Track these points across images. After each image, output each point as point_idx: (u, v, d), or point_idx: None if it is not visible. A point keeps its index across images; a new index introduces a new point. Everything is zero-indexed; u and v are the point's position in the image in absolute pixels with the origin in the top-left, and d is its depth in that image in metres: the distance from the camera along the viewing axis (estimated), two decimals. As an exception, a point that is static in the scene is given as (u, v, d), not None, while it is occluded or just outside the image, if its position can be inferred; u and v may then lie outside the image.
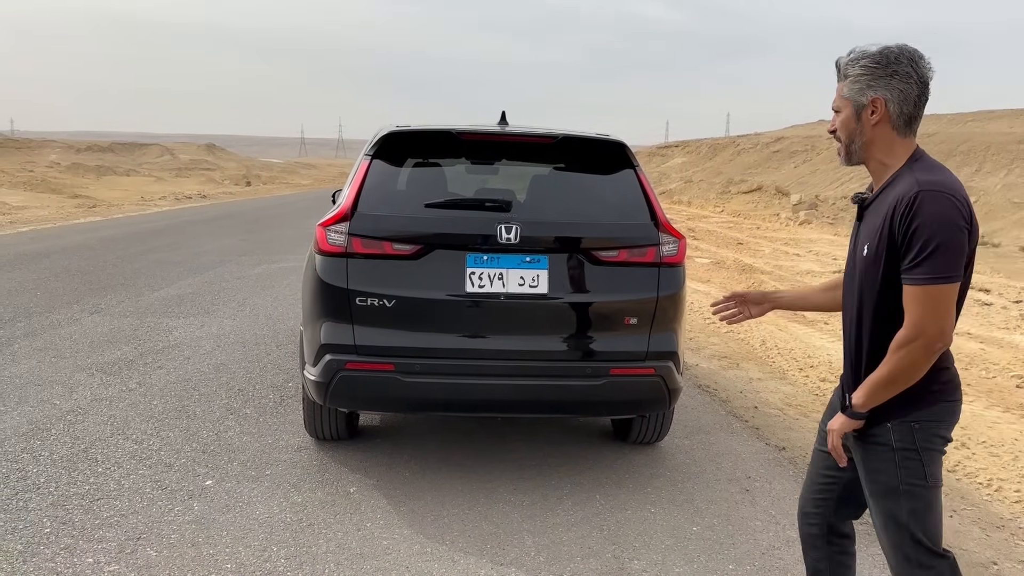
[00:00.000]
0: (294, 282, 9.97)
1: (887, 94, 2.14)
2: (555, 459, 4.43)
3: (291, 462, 4.26)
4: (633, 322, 3.89)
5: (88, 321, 7.47)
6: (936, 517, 2.21)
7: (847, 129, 2.23)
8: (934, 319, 2.04)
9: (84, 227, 16.97)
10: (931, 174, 2.09)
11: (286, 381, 5.73)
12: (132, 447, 4.40)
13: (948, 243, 2.01)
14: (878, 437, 2.19)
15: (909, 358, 2.07)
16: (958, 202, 2.04)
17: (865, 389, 2.16)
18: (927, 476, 2.16)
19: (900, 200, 2.07)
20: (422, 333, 3.81)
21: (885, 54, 2.14)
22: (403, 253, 3.80)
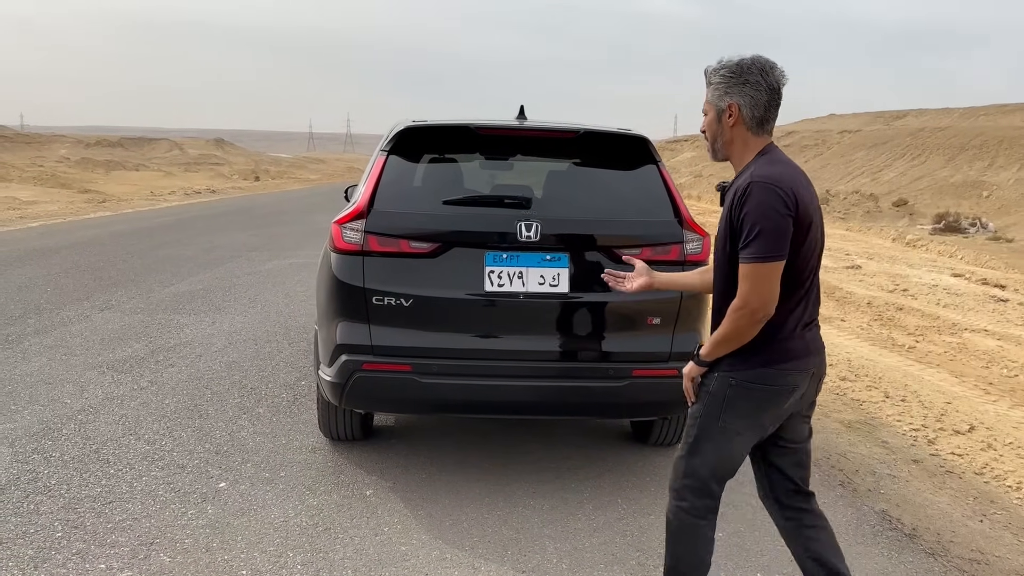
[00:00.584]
0: (305, 278, 9.91)
1: (740, 100, 2.48)
2: (574, 461, 4.34)
3: (306, 463, 4.18)
4: (656, 322, 3.79)
5: (98, 318, 7.42)
6: (711, 456, 2.60)
7: (711, 129, 2.59)
8: (757, 292, 2.38)
9: (94, 222, 16.96)
10: (767, 168, 2.42)
11: (298, 379, 5.66)
12: (144, 448, 4.33)
13: (770, 227, 2.33)
14: (706, 382, 2.60)
15: (736, 323, 2.43)
16: (782, 192, 2.35)
17: (709, 343, 2.56)
18: (721, 417, 2.54)
19: (738, 190, 2.43)
20: (440, 333, 3.73)
21: (740, 64, 2.48)
22: (420, 251, 3.71)
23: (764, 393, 2.52)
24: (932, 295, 10.85)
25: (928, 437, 5.20)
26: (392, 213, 3.76)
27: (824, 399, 5.92)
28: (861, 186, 34.89)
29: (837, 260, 13.87)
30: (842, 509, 3.94)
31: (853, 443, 5.00)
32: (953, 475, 4.56)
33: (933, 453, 4.91)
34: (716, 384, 2.56)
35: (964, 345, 7.98)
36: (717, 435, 2.57)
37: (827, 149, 50.76)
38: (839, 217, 23.95)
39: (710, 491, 2.64)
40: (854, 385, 6.35)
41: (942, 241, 17.69)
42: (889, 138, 46.15)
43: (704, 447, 2.60)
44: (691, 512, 2.65)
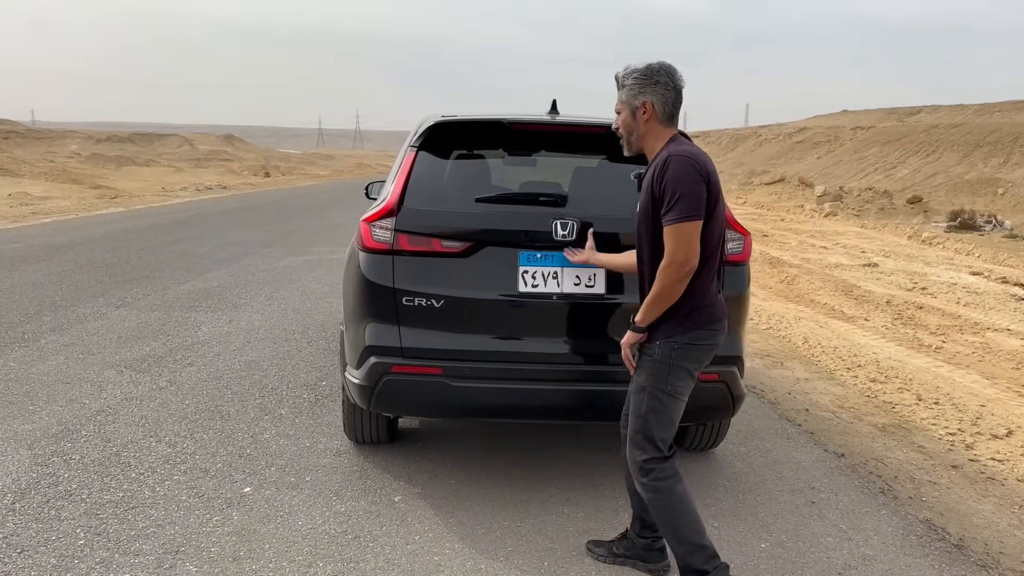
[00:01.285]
0: (321, 275, 9.82)
1: (653, 98, 2.88)
2: (606, 466, 4.22)
3: (331, 467, 4.07)
4: None
5: (115, 315, 7.34)
6: (666, 420, 2.91)
7: (626, 126, 2.96)
8: (682, 248, 2.72)
9: (106, 218, 16.91)
10: (680, 147, 2.82)
11: (319, 379, 5.55)
12: (166, 450, 4.24)
13: (688, 191, 2.71)
14: (648, 350, 2.90)
15: (666, 279, 2.76)
16: (695, 162, 2.75)
17: (643, 308, 2.86)
18: (668, 384, 2.87)
19: (657, 165, 2.80)
20: (472, 335, 3.61)
21: (649, 68, 2.88)
22: (452, 251, 3.60)
23: (700, 352, 2.90)
24: (952, 294, 10.68)
25: (966, 442, 5.06)
26: (423, 211, 3.64)
27: (856, 402, 5.79)
28: (875, 183, 34.63)
29: (853, 258, 13.69)
30: (886, 518, 3.81)
31: (889, 448, 4.86)
32: (995, 482, 4.42)
33: (972, 458, 4.77)
34: (660, 351, 2.87)
35: (987, 345, 7.83)
36: (667, 399, 2.88)
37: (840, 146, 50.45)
38: (853, 214, 23.70)
39: (668, 454, 2.94)
40: (885, 387, 6.20)
41: (958, 239, 17.47)
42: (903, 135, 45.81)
43: (658, 414, 2.89)
44: (663, 477, 2.91)
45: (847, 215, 23.54)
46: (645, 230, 2.88)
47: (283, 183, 40.28)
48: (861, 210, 24.67)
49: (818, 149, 51.72)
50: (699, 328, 2.87)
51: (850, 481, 4.23)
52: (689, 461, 4.36)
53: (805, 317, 8.89)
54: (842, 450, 4.73)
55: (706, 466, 4.31)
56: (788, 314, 9.00)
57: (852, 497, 4.02)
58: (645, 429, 2.90)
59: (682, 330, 2.85)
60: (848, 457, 4.62)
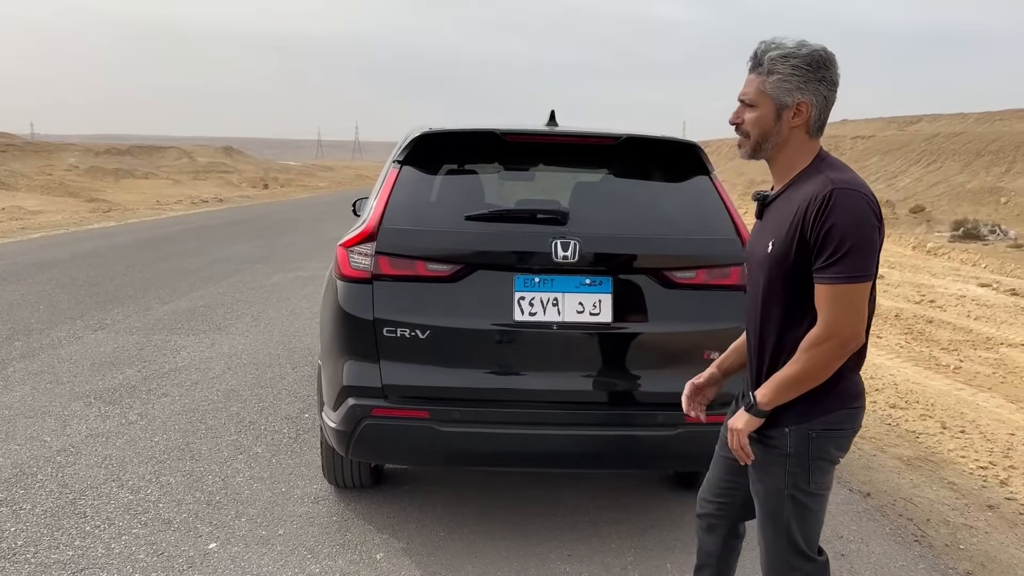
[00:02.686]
0: (311, 292, 9.44)
1: (812, 98, 2.11)
2: (611, 513, 3.83)
3: (307, 518, 3.68)
4: (713, 356, 3.27)
5: (91, 339, 6.96)
6: (816, 522, 2.24)
7: (762, 126, 2.16)
8: (848, 319, 2.02)
9: (97, 233, 16.56)
10: (841, 172, 2.08)
11: (301, 411, 5.17)
12: (127, 497, 3.85)
13: (862, 242, 2.00)
14: (774, 440, 2.18)
15: (822, 357, 2.06)
16: (870, 200, 2.03)
17: (771, 387, 2.14)
18: (811, 483, 2.17)
19: (813, 199, 2.04)
20: (462, 371, 3.23)
21: (815, 58, 2.09)
22: (439, 275, 3.22)
23: (845, 441, 2.21)
24: (961, 307, 10.34)
25: (999, 477, 4.68)
26: (406, 231, 3.27)
27: (877, 431, 5.41)
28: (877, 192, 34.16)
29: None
30: (924, 572, 3.42)
31: (917, 485, 4.48)
32: (1038, 525, 4.04)
33: (1009, 496, 4.39)
34: (793, 442, 2.16)
35: (1003, 362, 7.48)
36: (812, 500, 2.19)
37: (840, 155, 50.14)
38: (858, 224, 23.41)
39: (821, 558, 2.29)
40: (906, 414, 5.83)
41: (964, 249, 17.15)
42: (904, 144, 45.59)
43: (804, 520, 2.20)
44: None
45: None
46: (777, 278, 2.15)
47: (281, 195, 39.95)
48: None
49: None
50: (842, 407, 2.16)
51: (880, 527, 3.84)
52: (702, 506, 3.97)
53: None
54: (867, 488, 4.35)
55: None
56: (798, 332, 8.63)
57: (884, 547, 3.63)
58: (791, 541, 2.22)
59: (820, 411, 2.14)
60: (875, 497, 4.23)
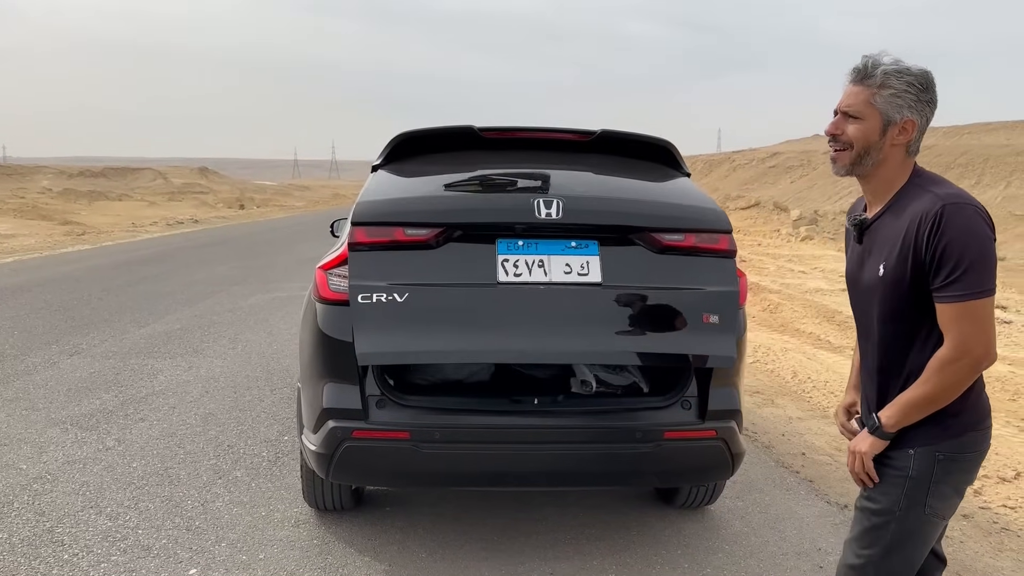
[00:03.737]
0: (289, 314, 9.41)
1: (919, 118, 2.10)
2: (592, 530, 3.85)
3: (288, 542, 3.67)
4: (714, 320, 3.15)
5: (66, 364, 6.89)
6: (919, 552, 2.14)
7: (866, 140, 2.11)
8: (978, 336, 1.98)
9: (71, 256, 16.38)
10: (947, 187, 2.06)
11: (281, 434, 5.15)
12: (105, 524, 3.82)
13: (981, 256, 1.97)
14: (896, 461, 2.12)
15: (954, 377, 2.01)
16: (981, 212, 2.00)
17: (897, 408, 2.09)
18: (927, 507, 2.10)
19: (923, 216, 2.01)
20: (442, 335, 3.04)
21: (927, 78, 2.09)
22: (417, 239, 3.10)
23: (972, 464, 2.14)
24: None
25: (973, 487, 4.75)
26: (380, 201, 3.23)
27: (853, 443, 5.47)
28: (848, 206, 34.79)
29: (832, 282, 13.48)
30: (901, 583, 3.47)
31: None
32: (1010, 533, 4.11)
33: (983, 506, 4.46)
34: (917, 464, 2.09)
35: (979, 373, 7.58)
36: (923, 527, 2.13)
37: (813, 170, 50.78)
38: (829, 238, 23.63)
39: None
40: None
41: (938, 261, 17.41)
42: (875, 157, 46.18)
43: (908, 546, 2.13)
44: None
45: (823, 239, 23.48)
46: (892, 302, 2.11)
47: (257, 215, 39.73)
48: (837, 233, 24.65)
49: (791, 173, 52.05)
50: (971, 430, 2.11)
51: (857, 539, 3.89)
52: (684, 521, 4.00)
53: (792, 348, 8.61)
54: (844, 500, 4.40)
55: (703, 527, 3.95)
56: (775, 345, 8.72)
57: (862, 558, 3.68)
58: (888, 565, 2.14)
59: (949, 434, 2.09)
60: (852, 509, 4.28)
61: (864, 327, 2.25)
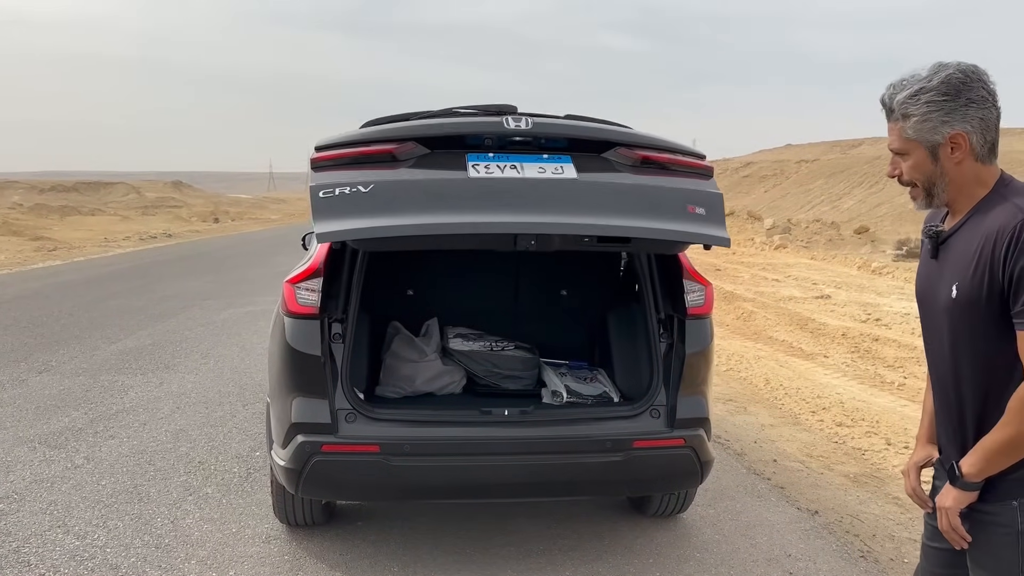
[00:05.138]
0: (262, 328, 9.32)
1: (966, 126, 1.85)
2: (565, 541, 3.86)
3: (259, 558, 3.64)
4: (699, 212, 2.98)
5: (35, 382, 6.80)
6: None
7: (924, 172, 1.91)
8: None
9: (41, 272, 16.17)
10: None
11: (252, 450, 5.11)
12: (73, 543, 3.77)
13: None
14: (998, 517, 1.84)
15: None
16: None
17: (979, 455, 1.84)
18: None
19: (1001, 232, 1.78)
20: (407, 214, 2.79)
21: (950, 82, 1.84)
22: (381, 151, 2.99)
23: None
24: (905, 324, 10.61)
25: (941, 490, 4.81)
26: (341, 133, 3.14)
27: (824, 449, 5.53)
28: (822, 214, 35.12)
29: (806, 290, 13.63)
30: (869, 588, 3.51)
31: (863, 501, 4.59)
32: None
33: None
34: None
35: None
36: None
37: (786, 179, 51.32)
38: (803, 246, 23.94)
39: None
40: (852, 431, 5.96)
41: (907, 268, 17.62)
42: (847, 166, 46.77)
43: None
44: None
45: (797, 247, 23.76)
46: (966, 328, 1.88)
47: (232, 229, 39.47)
48: (810, 241, 24.95)
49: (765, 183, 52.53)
50: None
51: (827, 544, 3.92)
52: (656, 530, 4.02)
53: (764, 356, 8.69)
54: (815, 506, 4.44)
55: (674, 535, 3.97)
56: (747, 353, 8.79)
57: (831, 563, 3.71)
58: None
59: None
60: (822, 515, 4.32)
61: (935, 355, 2.00)
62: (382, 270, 4.09)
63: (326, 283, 3.27)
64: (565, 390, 3.69)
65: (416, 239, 2.96)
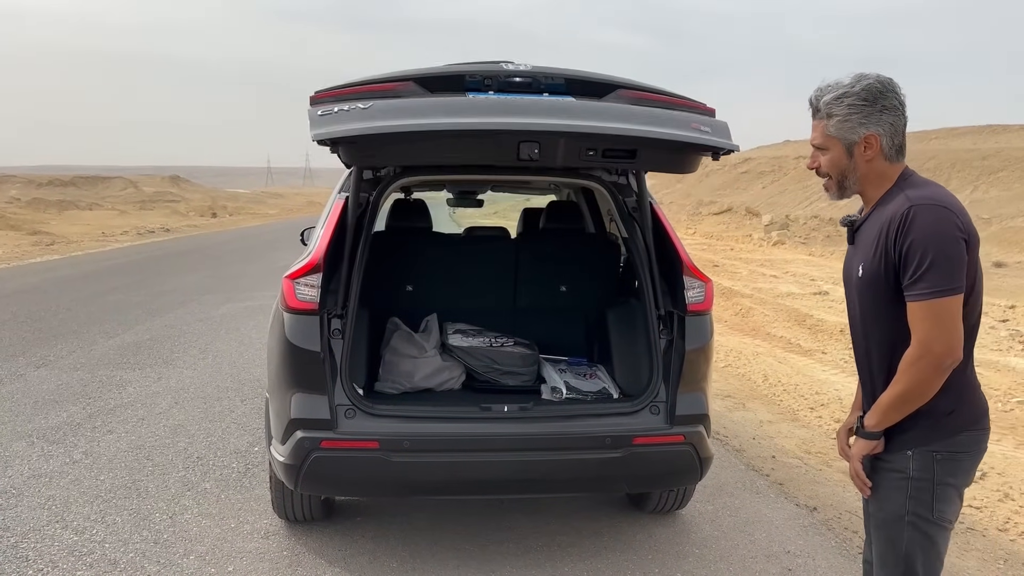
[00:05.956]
0: (261, 323, 9.34)
1: (879, 129, 2.15)
2: (564, 538, 3.86)
3: (258, 554, 3.64)
4: (706, 129, 3.04)
5: (33, 376, 6.79)
6: (937, 559, 2.14)
7: (838, 167, 2.22)
8: (940, 334, 2.01)
9: (39, 267, 16.14)
10: (921, 189, 2.12)
11: (251, 445, 5.11)
12: (71, 539, 3.76)
13: (945, 254, 2.01)
14: (894, 464, 2.15)
15: (920, 375, 2.04)
16: (952, 213, 2.04)
17: (877, 410, 2.14)
18: (934, 511, 2.10)
19: (893, 218, 2.08)
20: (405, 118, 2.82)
21: (870, 90, 2.13)
22: (383, 87, 3.01)
23: (970, 464, 2.14)
24: (905, 321, 10.61)
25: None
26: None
27: (822, 445, 5.53)
28: (820, 211, 35.13)
29: (803, 286, 13.62)
30: (868, 584, 3.51)
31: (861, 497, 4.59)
32: (975, 532, 4.17)
33: (948, 506, 4.52)
34: (917, 465, 2.10)
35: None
36: (937, 531, 2.11)
37: (784, 175, 51.32)
38: (800, 242, 23.92)
39: None
40: (851, 428, 5.96)
41: (907, 264, 17.63)
42: (845, 162, 46.75)
43: (926, 553, 2.12)
44: None
45: (794, 243, 23.74)
46: (870, 302, 2.18)
47: (230, 224, 39.41)
48: (808, 238, 24.92)
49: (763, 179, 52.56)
50: (966, 429, 2.12)
51: (826, 541, 3.93)
52: (655, 525, 4.02)
53: (763, 352, 8.69)
54: (814, 503, 4.44)
55: (674, 531, 3.98)
56: (746, 349, 8.79)
57: (830, 560, 3.72)
58: (913, 573, 2.13)
59: (944, 433, 2.10)
60: (821, 511, 4.33)
61: (853, 329, 2.29)
62: (381, 265, 4.09)
63: (325, 279, 3.27)
64: (564, 386, 3.69)
65: (411, 149, 2.95)
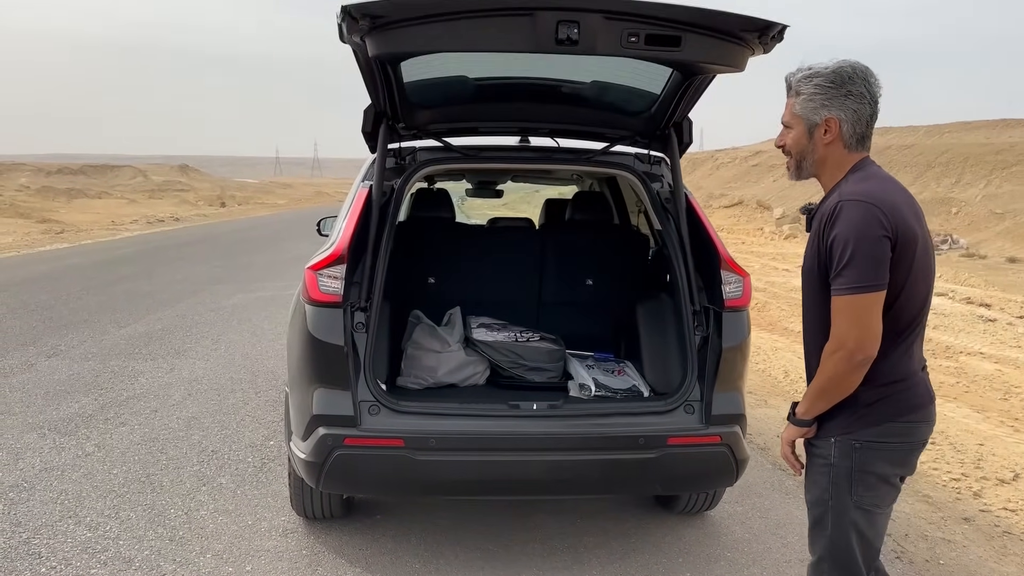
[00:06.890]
0: (273, 313, 9.25)
1: (841, 114, 2.15)
2: (590, 538, 3.75)
3: (276, 552, 3.54)
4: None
5: (44, 366, 6.70)
6: (868, 538, 2.20)
7: (798, 146, 2.24)
8: (852, 330, 2.04)
9: (49, 255, 16.09)
10: (859, 184, 2.11)
11: (266, 438, 5.01)
12: (84, 535, 3.67)
13: (864, 252, 2.01)
14: (821, 450, 2.23)
15: (833, 369, 2.09)
16: (877, 210, 2.03)
17: (805, 398, 2.22)
18: (853, 494, 2.16)
19: (825, 211, 2.11)
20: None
21: (839, 73, 2.14)
22: None
23: (897, 454, 2.19)
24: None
25: (972, 488, 4.69)
26: None
27: (849, 445, 5.40)
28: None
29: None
30: (907, 591, 3.39)
31: (893, 499, 4.46)
32: (1012, 536, 4.04)
33: (983, 509, 4.40)
34: (837, 452, 2.18)
35: (963, 370, 7.57)
36: (859, 516, 2.18)
37: (796, 168, 51.02)
38: (815, 236, 23.78)
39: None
40: (876, 426, 5.83)
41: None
42: (857, 156, 46.44)
43: (847, 536, 2.20)
44: None
45: (806, 237, 23.55)
46: (809, 292, 2.22)
47: (239, 213, 39.37)
48: (821, 232, 24.75)
49: (773, 172, 52.18)
50: (890, 420, 2.13)
51: (860, 545, 3.80)
52: (684, 527, 3.91)
53: (782, 347, 8.56)
54: (844, 504, 4.32)
55: (704, 533, 3.86)
56: (764, 344, 8.65)
57: (866, 565, 3.59)
58: (834, 552, 2.22)
59: (865, 423, 2.13)
60: (852, 513, 4.20)
61: (803, 315, 2.33)
62: (403, 256, 3.97)
63: (349, 270, 3.15)
64: (593, 383, 3.57)
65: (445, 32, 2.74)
